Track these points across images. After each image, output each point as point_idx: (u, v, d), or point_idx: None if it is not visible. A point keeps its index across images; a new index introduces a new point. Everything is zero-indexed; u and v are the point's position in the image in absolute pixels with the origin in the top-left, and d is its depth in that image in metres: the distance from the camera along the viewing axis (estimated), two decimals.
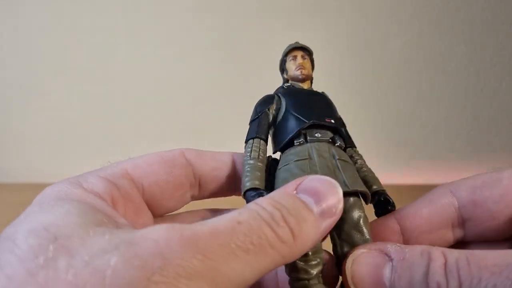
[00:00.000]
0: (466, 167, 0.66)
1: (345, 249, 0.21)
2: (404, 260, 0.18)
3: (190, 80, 0.67)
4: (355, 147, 0.26)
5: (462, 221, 0.23)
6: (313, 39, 0.29)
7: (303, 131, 0.24)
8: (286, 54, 0.28)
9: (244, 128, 0.25)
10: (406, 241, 0.23)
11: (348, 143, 0.26)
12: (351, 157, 0.25)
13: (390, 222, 0.23)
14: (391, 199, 0.23)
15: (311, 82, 0.28)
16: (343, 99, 0.30)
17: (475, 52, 0.62)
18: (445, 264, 0.17)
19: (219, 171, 0.25)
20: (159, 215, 0.24)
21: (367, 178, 0.24)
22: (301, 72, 0.27)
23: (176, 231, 0.15)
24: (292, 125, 0.24)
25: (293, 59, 0.27)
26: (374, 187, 0.24)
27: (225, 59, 0.65)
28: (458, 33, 0.61)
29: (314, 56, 0.28)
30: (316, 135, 0.23)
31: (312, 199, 0.18)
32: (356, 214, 0.22)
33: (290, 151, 0.23)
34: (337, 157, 0.23)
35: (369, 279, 0.19)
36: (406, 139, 0.66)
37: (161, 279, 0.14)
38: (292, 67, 0.27)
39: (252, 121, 0.26)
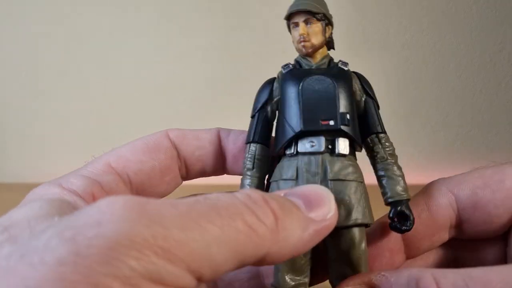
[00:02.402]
0: (466, 167, 0.66)
1: None
2: None
3: (190, 80, 0.67)
4: (381, 132, 0.22)
5: (459, 222, 0.22)
6: None
7: (294, 140, 0.21)
8: (288, 18, 0.23)
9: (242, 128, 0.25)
10: (407, 246, 0.22)
11: (371, 130, 0.22)
12: (371, 150, 0.22)
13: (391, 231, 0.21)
14: (410, 214, 0.20)
15: (330, 45, 0.24)
16: None
17: (474, 52, 0.62)
18: None
19: (203, 150, 0.24)
20: None
21: (384, 182, 0.21)
22: (304, 45, 0.22)
23: (123, 197, 0.13)
24: (283, 132, 0.21)
25: (294, 27, 0.23)
26: (390, 197, 0.20)
27: (224, 59, 0.65)
28: (457, 33, 0.61)
29: None
30: (307, 145, 0.20)
31: (301, 201, 0.17)
32: (347, 249, 0.19)
33: (282, 163, 0.21)
34: (330, 176, 0.20)
35: None
36: (406, 139, 0.66)
37: (91, 251, 0.11)
38: (295, 38, 0.22)
39: (251, 117, 0.23)
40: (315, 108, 0.21)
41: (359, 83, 0.22)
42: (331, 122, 0.20)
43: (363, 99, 0.22)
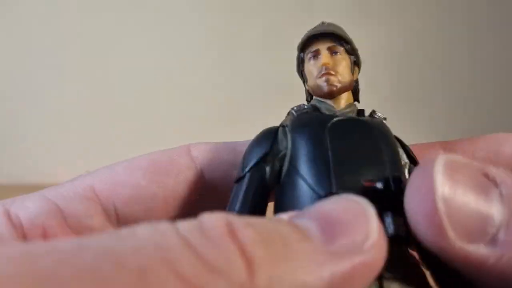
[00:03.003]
0: None
1: None
2: None
3: (188, 79, 0.67)
4: None
5: None
6: None
7: None
8: (302, 48, 0.17)
9: (242, 128, 0.23)
10: None
11: None
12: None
13: None
14: None
15: (356, 95, 0.17)
16: None
17: (475, 52, 0.61)
18: None
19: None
20: None
21: None
22: (328, 81, 0.15)
23: None
24: (298, 197, 0.13)
25: (313, 57, 0.16)
26: None
27: (224, 59, 0.65)
28: (458, 33, 0.61)
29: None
30: None
31: (316, 223, 0.10)
32: None
33: None
34: (385, 275, 0.11)
35: None
36: (407, 140, 0.66)
37: None
38: (313, 72, 0.16)
39: (236, 182, 0.15)
40: (352, 161, 0.13)
41: (400, 146, 0.16)
42: (379, 185, 0.13)
43: (408, 167, 0.15)
